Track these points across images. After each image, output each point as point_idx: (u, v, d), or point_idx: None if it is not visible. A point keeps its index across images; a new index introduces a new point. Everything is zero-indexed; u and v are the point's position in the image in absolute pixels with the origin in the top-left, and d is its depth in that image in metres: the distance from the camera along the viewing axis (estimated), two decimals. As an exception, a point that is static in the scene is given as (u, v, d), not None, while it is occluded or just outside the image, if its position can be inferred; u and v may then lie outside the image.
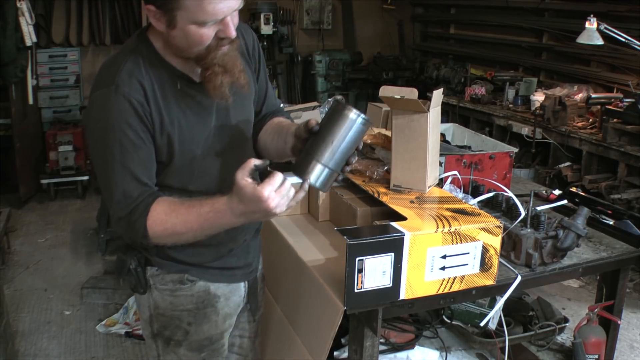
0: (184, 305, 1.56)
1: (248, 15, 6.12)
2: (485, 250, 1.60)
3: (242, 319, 1.74)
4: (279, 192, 1.25)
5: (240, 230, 1.57)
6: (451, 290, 1.61)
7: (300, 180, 1.31)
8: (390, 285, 1.51)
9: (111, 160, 1.33)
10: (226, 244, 1.57)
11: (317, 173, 1.31)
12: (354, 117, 1.32)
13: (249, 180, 1.25)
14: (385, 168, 1.97)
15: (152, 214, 1.35)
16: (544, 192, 2.30)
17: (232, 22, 1.31)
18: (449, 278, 1.59)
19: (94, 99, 1.35)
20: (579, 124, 4.20)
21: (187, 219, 1.33)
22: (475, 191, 2.09)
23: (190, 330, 1.58)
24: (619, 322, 2.11)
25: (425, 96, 1.83)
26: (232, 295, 1.63)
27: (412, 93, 1.77)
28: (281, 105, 1.77)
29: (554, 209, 2.11)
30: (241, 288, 1.66)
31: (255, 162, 1.28)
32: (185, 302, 1.56)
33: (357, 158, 1.37)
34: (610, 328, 2.13)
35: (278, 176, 1.25)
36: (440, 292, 1.60)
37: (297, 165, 1.34)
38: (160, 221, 1.34)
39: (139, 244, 1.44)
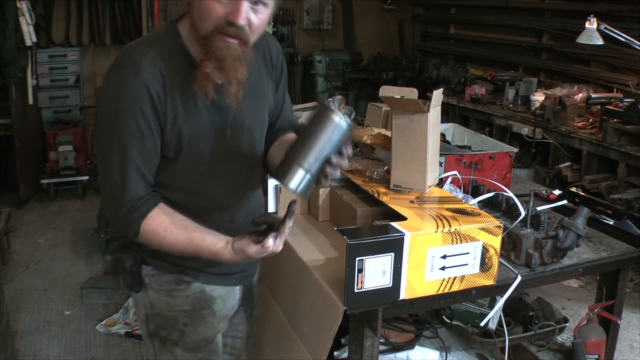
0: (180, 306, 1.55)
1: (248, 15, 6.11)
2: (485, 250, 1.60)
3: (236, 320, 1.74)
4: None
5: None
6: (451, 290, 1.61)
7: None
8: (390, 285, 1.51)
9: (117, 144, 1.31)
10: None
11: (299, 178, 1.25)
12: (338, 121, 1.24)
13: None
14: (385, 168, 1.97)
15: (149, 221, 1.35)
16: (544, 192, 2.30)
17: (246, 13, 1.26)
18: (449, 278, 1.59)
19: (111, 79, 1.32)
20: (579, 124, 4.20)
21: (180, 243, 1.36)
22: (475, 191, 2.09)
23: (186, 331, 1.57)
24: (619, 322, 2.11)
25: (425, 96, 1.83)
26: (228, 298, 1.62)
27: (412, 93, 1.77)
28: (297, 119, 1.72)
29: (554, 209, 2.11)
30: (236, 291, 1.65)
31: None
32: (182, 303, 1.55)
33: (346, 161, 1.29)
34: (610, 328, 2.13)
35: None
36: (440, 292, 1.60)
37: (279, 169, 1.28)
38: (156, 234, 1.36)
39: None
